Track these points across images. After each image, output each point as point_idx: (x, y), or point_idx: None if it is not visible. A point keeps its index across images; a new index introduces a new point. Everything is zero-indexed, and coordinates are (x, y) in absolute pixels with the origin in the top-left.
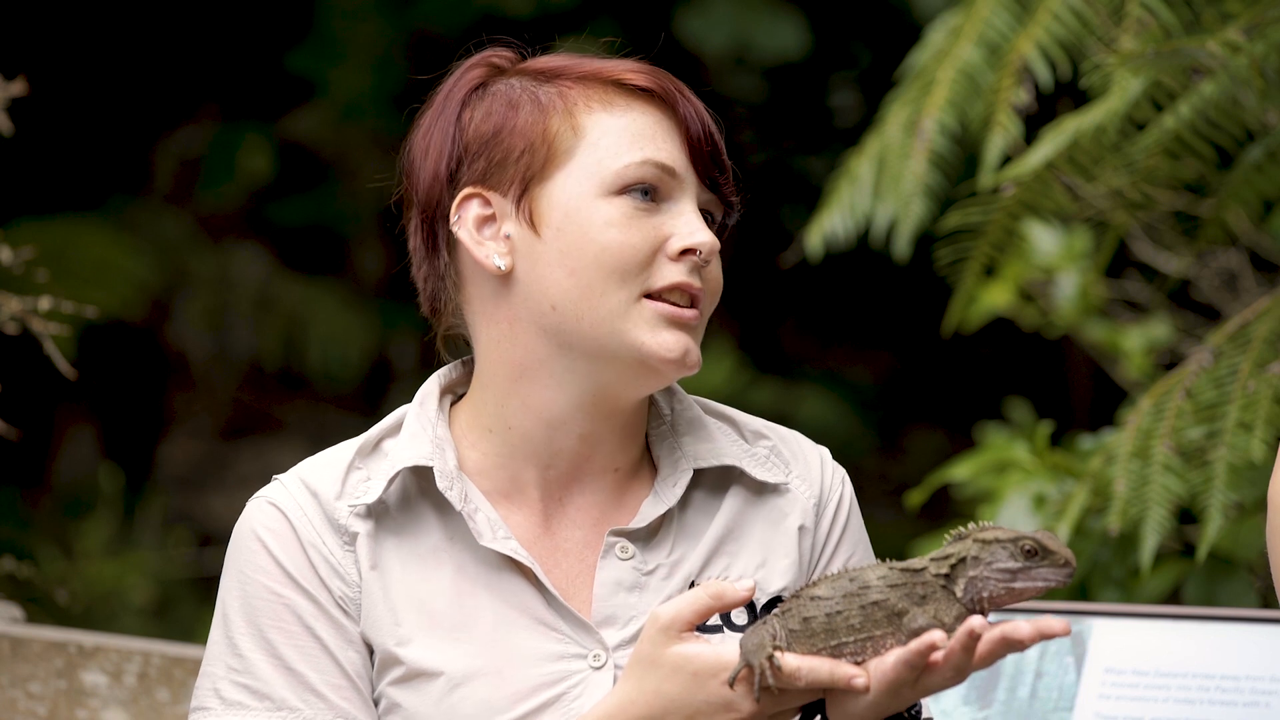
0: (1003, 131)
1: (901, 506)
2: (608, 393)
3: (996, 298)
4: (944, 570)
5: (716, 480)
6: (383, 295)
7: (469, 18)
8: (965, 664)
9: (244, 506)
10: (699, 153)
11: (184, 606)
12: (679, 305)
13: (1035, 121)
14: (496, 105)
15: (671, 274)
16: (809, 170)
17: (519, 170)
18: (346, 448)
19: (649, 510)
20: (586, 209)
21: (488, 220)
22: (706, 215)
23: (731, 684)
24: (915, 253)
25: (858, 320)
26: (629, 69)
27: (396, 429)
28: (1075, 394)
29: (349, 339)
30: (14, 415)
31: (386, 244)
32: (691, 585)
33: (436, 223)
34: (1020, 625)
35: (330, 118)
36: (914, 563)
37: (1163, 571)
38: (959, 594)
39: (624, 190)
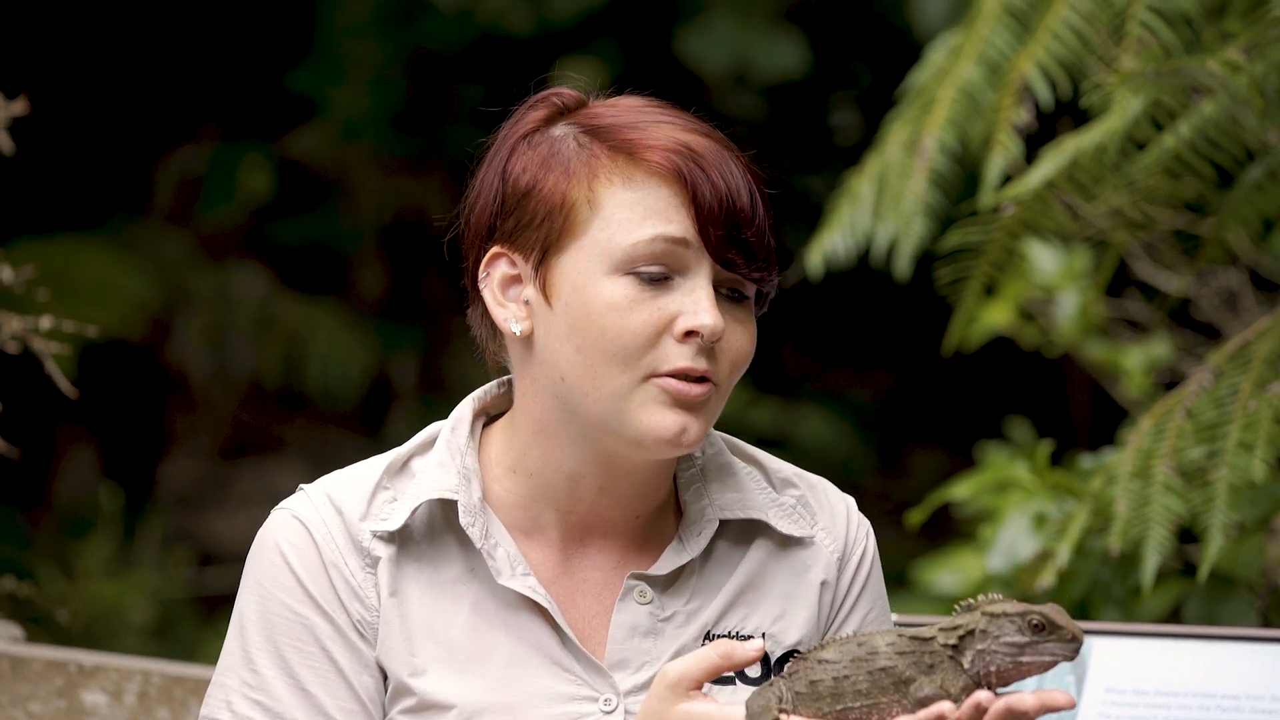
0: (1003, 150)
1: (902, 526)
2: (616, 458)
3: (997, 317)
4: (952, 640)
5: (741, 530)
6: (383, 315)
7: (469, 36)
8: None
9: (245, 525)
10: (709, 232)
11: (184, 626)
12: (685, 382)
13: (1035, 141)
14: (534, 161)
15: (676, 357)
16: (809, 189)
17: (540, 236)
18: (376, 464)
19: (671, 558)
20: (592, 287)
21: (514, 281)
22: (736, 292)
23: None
24: (916, 272)
25: (858, 339)
26: (653, 143)
27: (428, 446)
28: (1075, 413)
29: (349, 358)
30: (14, 434)
31: (387, 263)
32: (708, 635)
33: (476, 270)
34: (1025, 697)
35: (330, 137)
36: (923, 631)
37: (1163, 591)
38: (966, 665)
39: (633, 268)
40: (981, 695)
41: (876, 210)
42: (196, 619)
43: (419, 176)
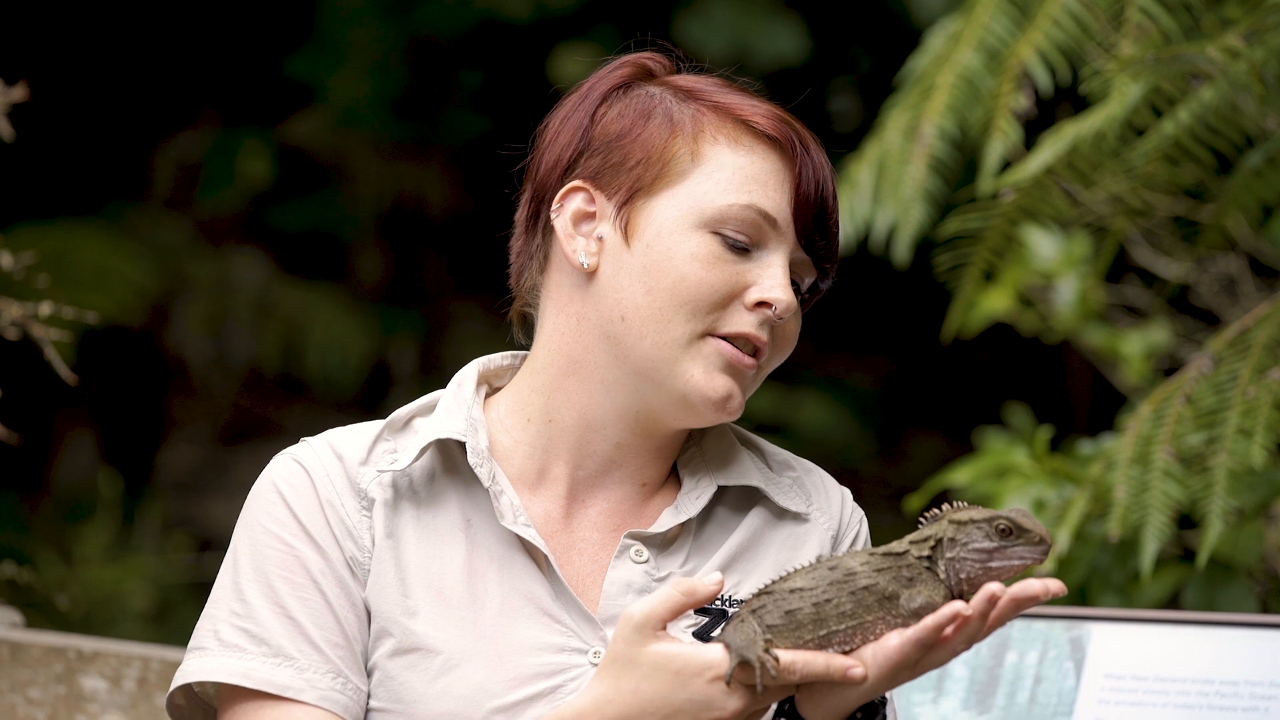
0: (1002, 137)
1: (901, 511)
2: (649, 413)
3: (996, 303)
4: (925, 552)
5: (738, 499)
6: (382, 300)
7: (468, 23)
8: (978, 632)
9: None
10: (803, 211)
11: (184, 611)
12: (740, 350)
13: (1035, 127)
14: (630, 109)
15: (741, 323)
16: None
17: (630, 178)
18: (376, 423)
19: (668, 518)
20: (678, 235)
21: (587, 217)
22: (795, 277)
23: (728, 682)
24: (915, 258)
25: (857, 325)
26: (760, 112)
27: (429, 409)
28: (1075, 399)
29: (348, 344)
30: (14, 420)
31: (386, 249)
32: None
33: (543, 203)
34: (1031, 584)
35: (329, 123)
36: (894, 546)
37: (1162, 577)
38: (941, 575)
39: (719, 229)
40: (993, 587)
41: (876, 196)
42: (196, 605)
43: (418, 162)
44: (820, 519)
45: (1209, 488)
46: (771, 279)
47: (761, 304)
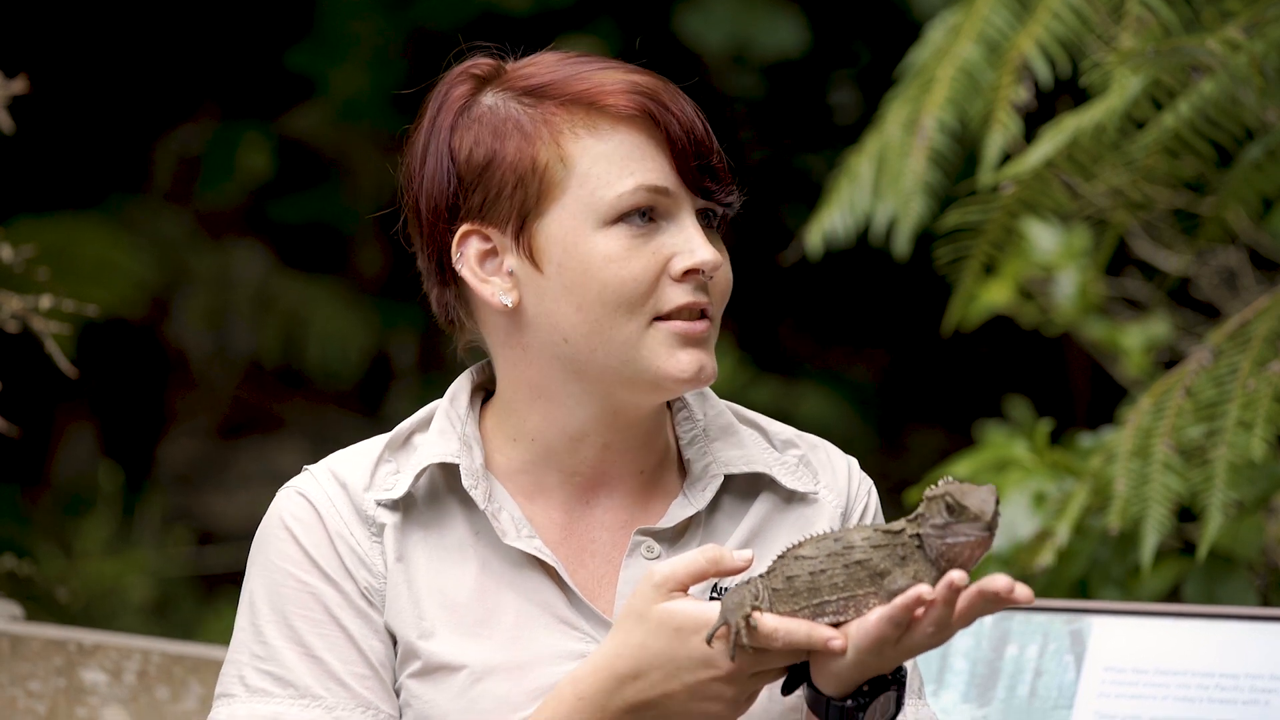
0: (1002, 130)
1: (901, 504)
2: (626, 408)
3: (996, 296)
4: (917, 531)
5: (745, 486)
6: (382, 293)
7: (468, 15)
8: (946, 619)
9: (244, 504)
10: (686, 166)
11: (184, 605)
12: (689, 320)
13: (1035, 120)
14: (484, 132)
15: (678, 296)
16: (809, 168)
17: (514, 205)
18: (377, 441)
19: (677, 512)
20: (585, 244)
21: (489, 255)
22: (707, 214)
23: (709, 641)
24: (915, 251)
25: (857, 318)
26: (607, 90)
27: (427, 423)
28: (1075, 392)
29: (349, 337)
30: (14, 413)
31: (386, 242)
32: (714, 588)
33: (442, 255)
34: (997, 578)
35: (330, 116)
36: (894, 524)
37: (1163, 570)
38: (930, 555)
39: (621, 218)
40: (955, 574)
41: (876, 189)
42: (196, 598)
43: None
44: (829, 497)
45: (1209, 480)
46: (688, 243)
47: (690, 271)
